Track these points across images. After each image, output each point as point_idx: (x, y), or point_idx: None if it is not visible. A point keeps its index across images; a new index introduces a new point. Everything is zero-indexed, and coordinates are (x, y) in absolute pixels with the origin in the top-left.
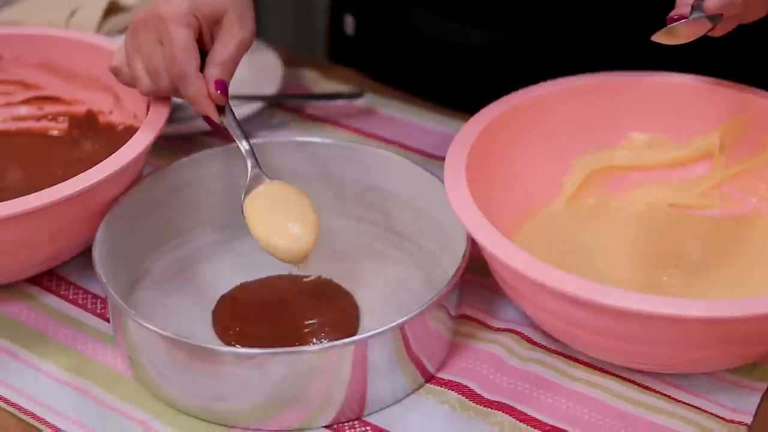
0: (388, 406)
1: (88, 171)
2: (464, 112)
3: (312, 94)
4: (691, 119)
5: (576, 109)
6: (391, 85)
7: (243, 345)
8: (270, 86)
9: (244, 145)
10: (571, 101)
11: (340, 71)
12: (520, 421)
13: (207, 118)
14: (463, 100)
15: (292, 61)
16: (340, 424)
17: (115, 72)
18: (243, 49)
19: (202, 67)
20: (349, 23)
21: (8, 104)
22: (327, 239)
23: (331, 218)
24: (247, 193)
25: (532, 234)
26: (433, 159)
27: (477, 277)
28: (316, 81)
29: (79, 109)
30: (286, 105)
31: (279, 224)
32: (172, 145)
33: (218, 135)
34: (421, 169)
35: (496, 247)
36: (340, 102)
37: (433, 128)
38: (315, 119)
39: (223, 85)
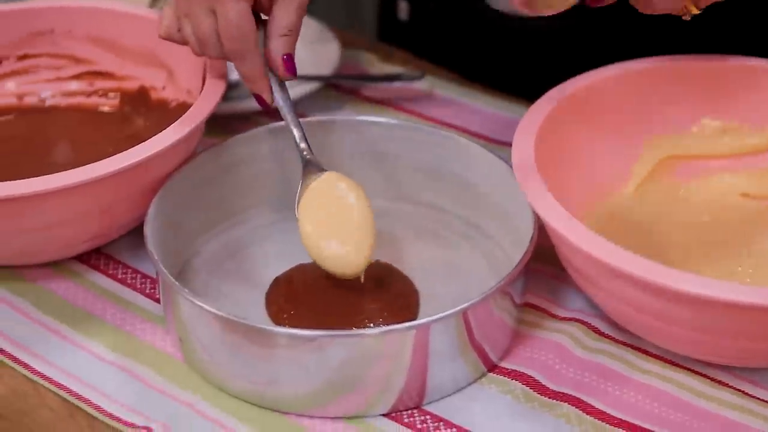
0: (449, 395)
1: (139, 145)
2: (523, 98)
3: (370, 75)
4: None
5: (644, 93)
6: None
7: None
8: (326, 66)
9: (295, 133)
10: (638, 85)
11: (397, 54)
12: (587, 413)
13: (258, 98)
14: (522, 84)
15: (347, 42)
16: (399, 413)
17: (166, 37)
18: (302, 13)
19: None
20: (403, 8)
21: (58, 79)
22: (386, 223)
23: (390, 201)
24: (300, 196)
25: (600, 221)
26: (493, 144)
27: (541, 264)
28: (373, 63)
29: (131, 84)
30: (342, 86)
31: (331, 247)
32: (227, 125)
33: (276, 115)
34: (487, 151)
35: (569, 230)
36: (398, 84)
37: (493, 113)
38: (372, 101)
39: (291, 60)
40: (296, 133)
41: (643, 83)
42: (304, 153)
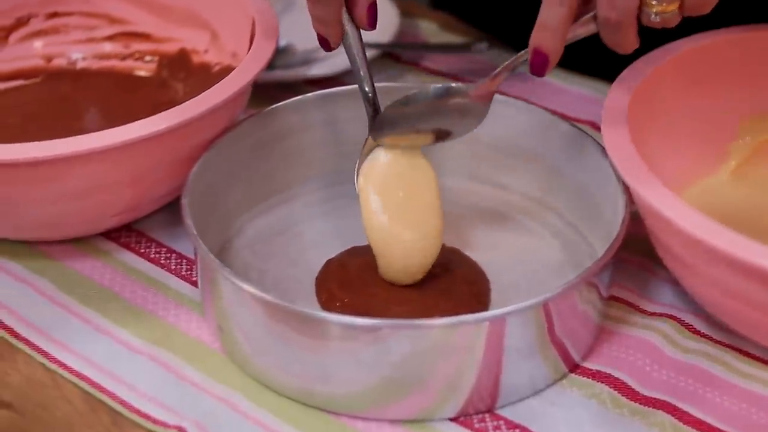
0: (525, 398)
1: (176, 108)
2: (605, 73)
3: (433, 44)
4: None
5: (745, 63)
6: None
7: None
8: (384, 34)
9: (366, 88)
10: (739, 53)
11: (459, 24)
12: (685, 423)
13: (323, 41)
14: (597, 63)
15: (407, 10)
16: (468, 417)
17: None
18: None
19: None
20: None
21: (91, 40)
22: (453, 204)
23: (458, 180)
24: (360, 165)
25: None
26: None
27: (627, 252)
28: (434, 33)
29: (171, 47)
30: (401, 57)
31: (396, 248)
32: (272, 95)
33: (330, 84)
34: (572, 126)
35: (671, 208)
36: (463, 54)
37: (572, 90)
38: (434, 73)
39: (374, 10)
40: (367, 88)
41: (749, 51)
42: (370, 120)
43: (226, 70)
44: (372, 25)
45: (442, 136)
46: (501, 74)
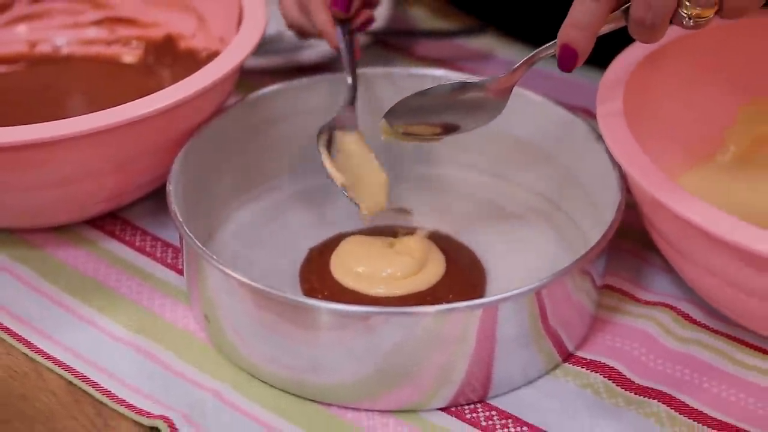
0: (518, 388)
1: (161, 92)
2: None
3: (424, 30)
4: None
5: (744, 48)
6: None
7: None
8: (376, 21)
9: (348, 80)
10: (737, 39)
11: (453, 11)
12: (681, 413)
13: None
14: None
15: None
16: (460, 407)
17: None
18: None
19: None
20: None
21: (76, 25)
22: (450, 193)
23: (449, 168)
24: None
25: (705, 175)
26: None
27: (622, 241)
28: (427, 20)
29: (157, 32)
30: (392, 44)
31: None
32: (259, 81)
33: (320, 70)
34: (567, 112)
35: (667, 193)
36: (455, 40)
37: (563, 76)
38: (425, 60)
39: None
40: (349, 79)
41: (747, 35)
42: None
43: (214, 56)
44: (340, 8)
45: (451, 129)
46: (520, 68)
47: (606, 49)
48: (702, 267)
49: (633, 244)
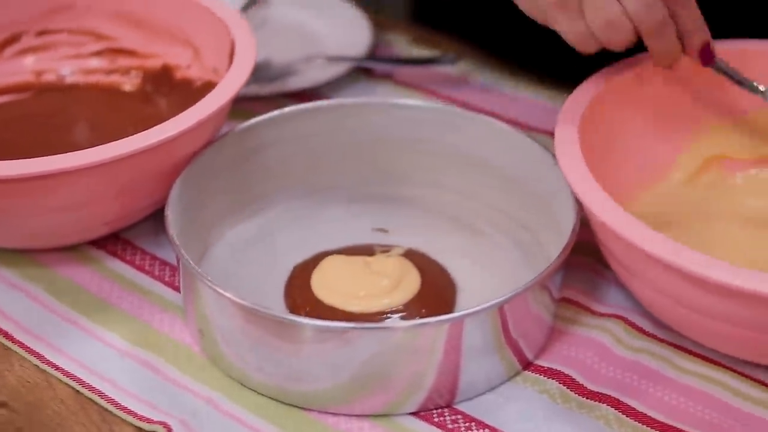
0: (482, 394)
1: (160, 125)
2: (567, 84)
3: (403, 58)
4: None
5: (699, 76)
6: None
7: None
8: (357, 49)
9: None
10: (694, 67)
11: (432, 37)
12: (628, 416)
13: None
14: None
15: (379, 24)
16: (428, 412)
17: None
18: None
19: None
20: None
21: (78, 56)
22: (423, 211)
23: (423, 188)
24: None
25: (644, 211)
26: (532, 132)
27: (580, 257)
28: (406, 46)
29: (154, 62)
30: (373, 70)
31: None
32: (252, 107)
33: (304, 98)
34: (527, 137)
35: (610, 216)
36: (433, 68)
37: (532, 100)
38: (405, 85)
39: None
40: None
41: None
42: None
43: (208, 85)
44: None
45: None
46: None
47: (579, 74)
48: (646, 284)
49: (589, 259)
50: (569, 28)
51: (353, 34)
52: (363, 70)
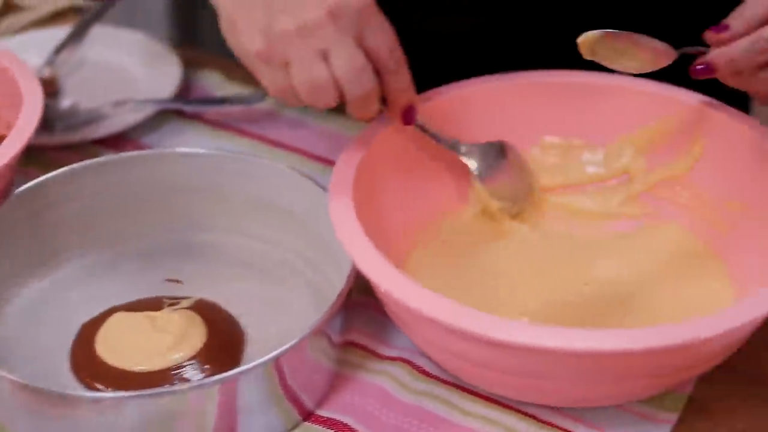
0: None
1: None
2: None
3: (212, 98)
4: (611, 121)
5: (485, 111)
6: None
7: (103, 382)
8: (166, 89)
9: None
10: (479, 103)
11: (245, 72)
12: None
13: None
14: None
15: (194, 61)
16: None
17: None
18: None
19: None
20: None
21: None
22: (211, 258)
23: (217, 235)
24: None
25: (431, 246)
26: None
27: (368, 297)
28: (220, 83)
29: None
30: (184, 111)
31: None
32: (60, 157)
33: (110, 144)
34: (313, 183)
35: (379, 274)
36: (242, 106)
37: (341, 134)
38: (215, 125)
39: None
40: None
41: (489, 100)
42: None
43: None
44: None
45: None
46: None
47: None
48: (415, 334)
49: (376, 300)
50: (271, 83)
51: (165, 73)
52: (174, 111)
